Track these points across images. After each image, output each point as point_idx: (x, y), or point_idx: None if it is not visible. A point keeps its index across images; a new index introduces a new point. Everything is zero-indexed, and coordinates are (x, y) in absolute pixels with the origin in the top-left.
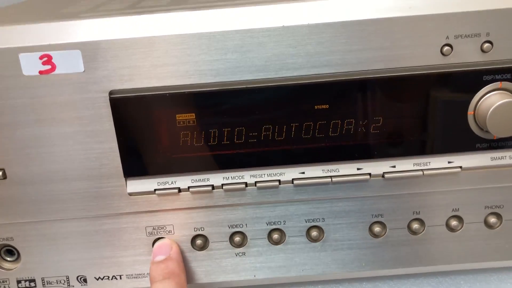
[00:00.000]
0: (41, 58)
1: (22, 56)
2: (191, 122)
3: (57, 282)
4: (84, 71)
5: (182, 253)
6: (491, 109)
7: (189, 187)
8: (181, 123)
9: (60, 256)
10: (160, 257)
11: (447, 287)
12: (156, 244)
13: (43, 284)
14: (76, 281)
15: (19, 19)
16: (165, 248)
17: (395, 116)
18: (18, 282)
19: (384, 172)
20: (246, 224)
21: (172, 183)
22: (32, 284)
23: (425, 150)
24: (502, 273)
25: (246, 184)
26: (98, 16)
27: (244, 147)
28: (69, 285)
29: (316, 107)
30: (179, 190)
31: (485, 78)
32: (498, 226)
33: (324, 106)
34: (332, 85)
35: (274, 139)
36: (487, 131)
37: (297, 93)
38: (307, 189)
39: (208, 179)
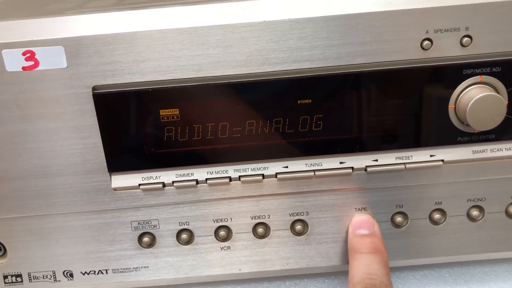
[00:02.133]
0: (24, 54)
1: (5, 52)
2: (175, 117)
3: (43, 277)
4: (67, 67)
5: (167, 247)
6: (471, 103)
7: (173, 182)
8: (165, 118)
9: (46, 251)
10: (364, 231)
11: (432, 280)
12: (356, 218)
13: (29, 279)
14: (63, 276)
15: (2, 15)
16: (368, 224)
17: (376, 110)
18: (5, 277)
19: (366, 166)
20: (231, 219)
21: (156, 178)
22: (19, 279)
23: (407, 143)
24: (486, 266)
25: (230, 178)
26: (80, 12)
27: (228, 142)
28: (56, 279)
29: (298, 101)
30: (164, 185)
31: (465, 72)
32: (480, 219)
33: (306, 101)
34: (314, 80)
35: (258, 134)
36: (468, 125)
37: (279, 88)
38: (290, 183)
39: (192, 174)
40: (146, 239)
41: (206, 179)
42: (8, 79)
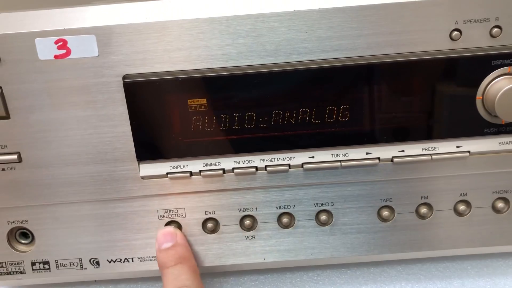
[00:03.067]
0: (56, 42)
1: (38, 41)
2: (203, 107)
3: (70, 264)
4: (98, 55)
5: (193, 236)
6: (499, 94)
7: (200, 171)
8: (193, 107)
9: (74, 239)
10: (167, 244)
11: (454, 272)
12: (159, 233)
13: (56, 266)
14: (89, 263)
15: (35, 5)
16: (170, 235)
17: (403, 101)
18: (33, 264)
19: (393, 157)
20: (256, 208)
21: (183, 167)
22: (46, 266)
23: (433, 134)
24: (509, 258)
25: (256, 168)
26: (111, 1)
27: (255, 132)
28: (82, 267)
29: (326, 92)
30: (191, 174)
31: (494, 63)
32: (506, 211)
33: (334, 91)
34: (343, 70)
35: (284, 124)
36: (495, 116)
37: (307, 77)
38: (316, 174)
39: (219, 163)
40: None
41: (233, 169)
42: (40, 68)
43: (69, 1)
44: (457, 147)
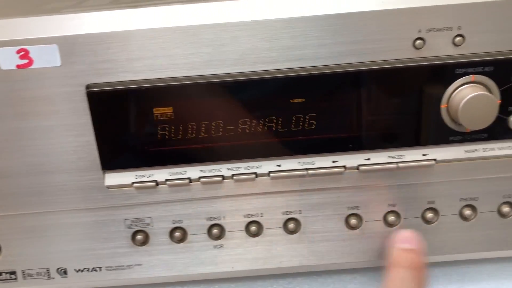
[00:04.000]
0: (18, 52)
1: None
2: (169, 115)
3: (37, 274)
4: (61, 65)
5: (161, 245)
6: (463, 102)
7: (166, 180)
8: (158, 116)
9: (41, 248)
10: (408, 245)
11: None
12: (403, 232)
13: (23, 276)
14: (57, 273)
15: None
16: (413, 240)
17: (369, 109)
18: None
19: (359, 165)
20: (224, 217)
21: (149, 176)
22: (13, 276)
23: (399, 143)
24: (479, 265)
25: (223, 177)
26: (75, 11)
27: (221, 141)
28: (50, 277)
29: (291, 100)
30: (157, 183)
31: (457, 71)
32: (473, 218)
33: (299, 100)
34: (306, 79)
35: (251, 132)
36: (460, 124)
37: (272, 86)
38: (283, 182)
39: (185, 172)
40: (139, 237)
41: (199, 178)
42: (2, 77)
43: (33, 10)
44: (423, 155)
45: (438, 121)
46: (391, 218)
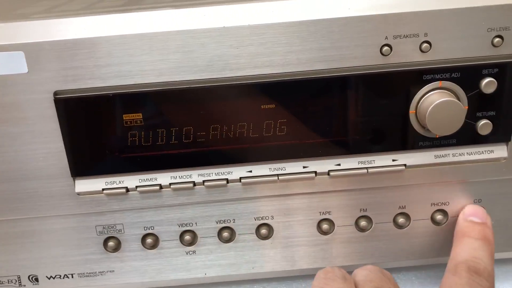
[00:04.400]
0: None
1: None
2: (138, 122)
3: (8, 281)
4: (28, 72)
5: (132, 251)
6: (430, 108)
7: (137, 187)
8: (128, 122)
9: (11, 255)
10: (476, 219)
11: (399, 283)
12: (470, 206)
13: None
14: (28, 280)
15: None
16: (482, 214)
17: (338, 115)
18: None
19: (329, 170)
20: (196, 223)
21: (119, 182)
22: None
23: (369, 148)
24: None
25: (194, 183)
26: (44, 17)
27: (191, 147)
28: (21, 284)
29: (262, 106)
30: (127, 189)
31: (425, 77)
32: (444, 223)
33: (270, 106)
34: (275, 86)
35: (221, 138)
36: (429, 130)
37: (241, 93)
38: (255, 188)
39: (156, 179)
40: (111, 243)
41: (170, 184)
42: None
43: (6, 16)
44: (393, 160)
45: (407, 126)
46: (363, 223)
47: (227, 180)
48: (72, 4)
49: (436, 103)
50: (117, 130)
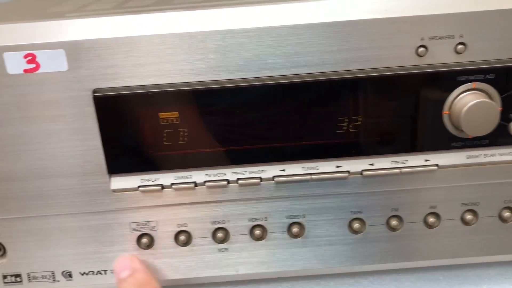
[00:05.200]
0: (25, 57)
1: (6, 55)
2: (174, 120)
3: (42, 277)
4: (68, 70)
5: (166, 248)
6: (464, 109)
7: (172, 184)
8: (164, 121)
9: (46, 251)
10: (125, 272)
11: (426, 282)
12: (115, 263)
13: (29, 279)
14: (62, 276)
15: (4, 18)
16: (126, 262)
17: (373, 115)
18: (4, 277)
19: (362, 170)
20: (228, 221)
21: (155, 180)
22: (18, 279)
23: (402, 148)
24: (479, 269)
25: (228, 181)
26: (81, 16)
27: (226, 145)
28: (55, 280)
29: (296, 106)
30: (162, 187)
31: (459, 78)
32: (474, 223)
33: (304, 105)
34: (311, 85)
35: (256, 137)
36: (462, 130)
37: (277, 92)
38: (287, 186)
39: (190, 176)
40: (144, 240)
41: (204, 182)
42: (9, 82)
43: (40, 15)
44: (426, 160)
45: (440, 127)
46: (393, 222)
47: (260, 179)
48: (101, 3)
49: (471, 103)
50: (153, 128)
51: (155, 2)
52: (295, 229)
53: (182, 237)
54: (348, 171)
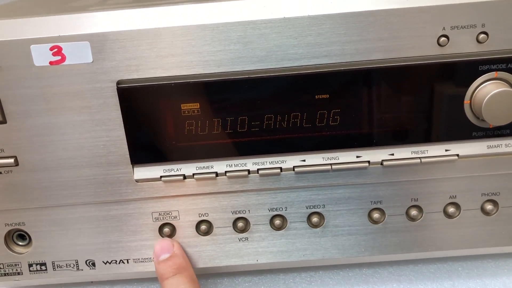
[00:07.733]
0: (51, 49)
1: (33, 48)
2: (196, 111)
3: (66, 265)
4: (92, 61)
5: (187, 238)
6: (486, 98)
7: (193, 174)
8: (186, 112)
9: (70, 240)
10: (165, 255)
11: (445, 273)
12: (157, 245)
13: (53, 268)
14: (85, 265)
15: (30, 12)
16: (167, 246)
17: (393, 105)
18: (30, 265)
19: (382, 160)
20: (249, 210)
21: (177, 170)
22: (43, 267)
23: (423, 138)
24: (499, 260)
25: (248, 171)
26: (105, 9)
27: (247, 136)
28: (78, 268)
29: (316, 96)
30: (184, 177)
31: (481, 68)
32: (494, 213)
33: (324, 96)
34: (332, 75)
35: (276, 128)
36: (483, 120)
37: (298, 83)
38: (307, 176)
39: (212, 167)
40: (166, 229)
41: (226, 172)
42: (36, 74)
43: (64, 8)
44: (446, 150)
45: (461, 117)
46: (413, 212)
47: (281, 169)
48: None
49: (493, 93)
50: (176, 119)
51: None
52: (314, 219)
53: (203, 227)
54: (368, 161)
